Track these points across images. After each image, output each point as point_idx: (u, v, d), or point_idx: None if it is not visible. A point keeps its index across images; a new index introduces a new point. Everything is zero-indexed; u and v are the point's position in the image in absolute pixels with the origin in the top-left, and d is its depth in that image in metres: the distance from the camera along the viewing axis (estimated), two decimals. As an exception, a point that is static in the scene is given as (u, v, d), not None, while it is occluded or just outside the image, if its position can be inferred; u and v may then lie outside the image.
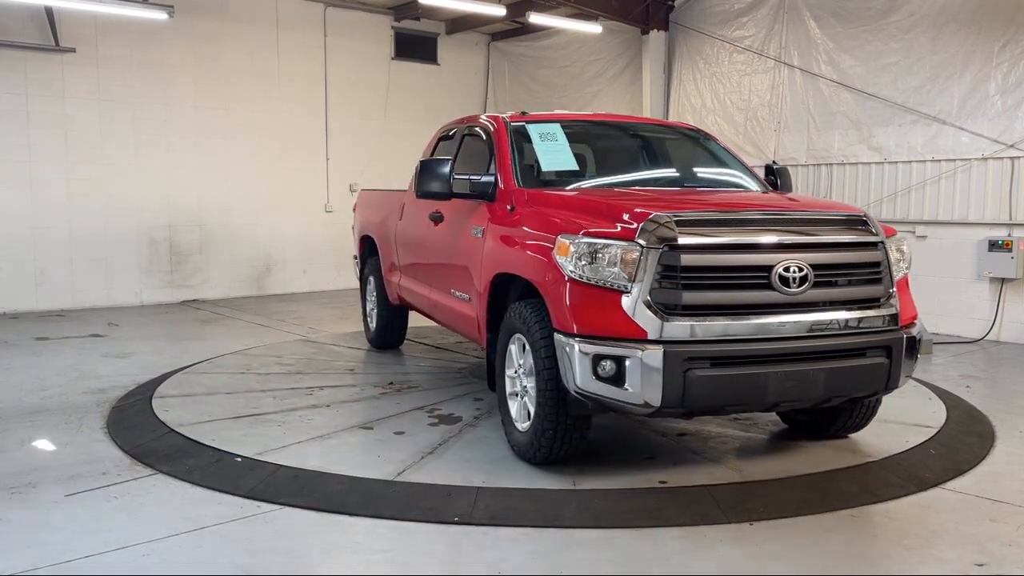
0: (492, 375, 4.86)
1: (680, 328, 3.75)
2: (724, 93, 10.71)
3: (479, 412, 5.42)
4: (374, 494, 4.03)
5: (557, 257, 4.02)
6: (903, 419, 5.35)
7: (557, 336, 3.98)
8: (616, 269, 3.82)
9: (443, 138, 6.50)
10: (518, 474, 4.26)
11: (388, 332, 7.53)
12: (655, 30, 11.18)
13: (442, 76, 13.49)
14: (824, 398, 4.09)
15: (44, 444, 4.88)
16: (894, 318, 4.17)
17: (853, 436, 4.93)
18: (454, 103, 12.90)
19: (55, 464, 4.50)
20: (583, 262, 3.90)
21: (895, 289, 4.21)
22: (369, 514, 3.82)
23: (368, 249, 7.81)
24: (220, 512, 3.83)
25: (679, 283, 3.79)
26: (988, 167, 8.42)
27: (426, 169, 5.14)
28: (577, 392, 3.92)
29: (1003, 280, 8.31)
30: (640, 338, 3.74)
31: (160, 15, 9.95)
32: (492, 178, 5.05)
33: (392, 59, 12.99)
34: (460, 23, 13.13)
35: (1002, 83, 8.24)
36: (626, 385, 3.75)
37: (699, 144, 6.02)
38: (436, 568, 3.34)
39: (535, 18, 11.17)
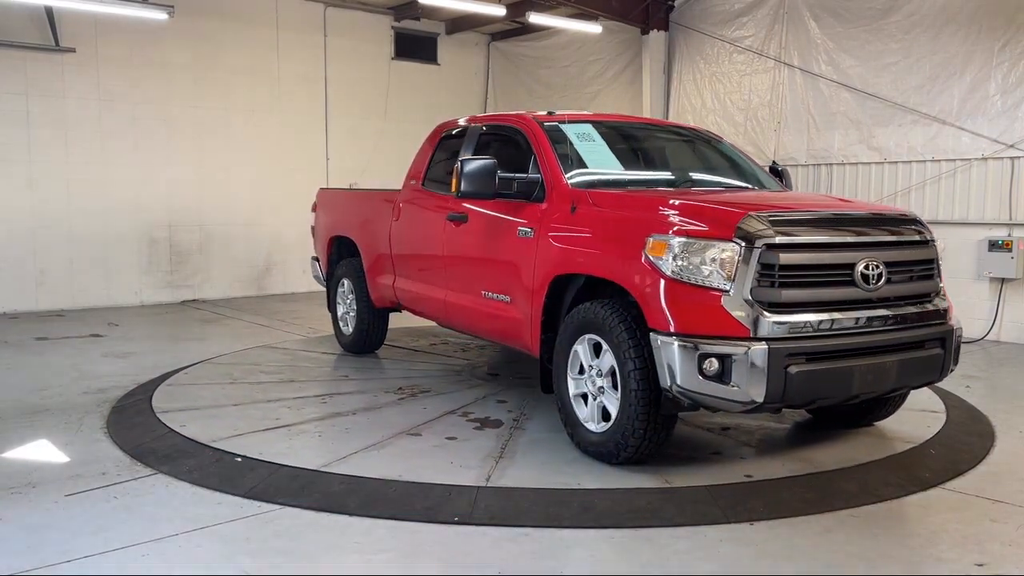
0: (545, 377, 4.86)
1: (778, 325, 3.88)
2: (724, 93, 10.71)
3: (512, 414, 5.38)
4: (374, 494, 4.02)
5: (652, 257, 4.04)
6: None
7: (655, 336, 3.98)
8: (715, 268, 3.90)
9: (447, 137, 6.37)
10: (611, 475, 4.24)
11: (368, 336, 7.23)
12: (655, 30, 11.18)
13: (442, 76, 13.49)
14: (894, 388, 4.34)
15: (44, 444, 4.88)
16: (946, 311, 4.50)
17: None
18: (454, 103, 12.90)
19: (55, 464, 4.50)
20: (681, 262, 3.96)
21: (943, 284, 4.59)
22: (369, 514, 3.82)
23: (338, 251, 7.61)
24: (220, 512, 3.83)
25: (777, 281, 3.92)
26: (988, 167, 8.43)
27: (471, 169, 4.97)
28: (677, 391, 3.93)
29: (1003, 280, 8.31)
30: (742, 336, 3.83)
31: (160, 15, 9.95)
32: (538, 178, 5.00)
33: (392, 59, 12.99)
34: (460, 23, 13.13)
35: (1002, 83, 8.24)
36: (731, 383, 3.81)
37: (712, 146, 6.08)
38: (436, 568, 3.34)
39: (535, 18, 11.17)
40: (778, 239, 3.93)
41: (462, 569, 3.32)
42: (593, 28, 11.58)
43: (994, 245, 8.19)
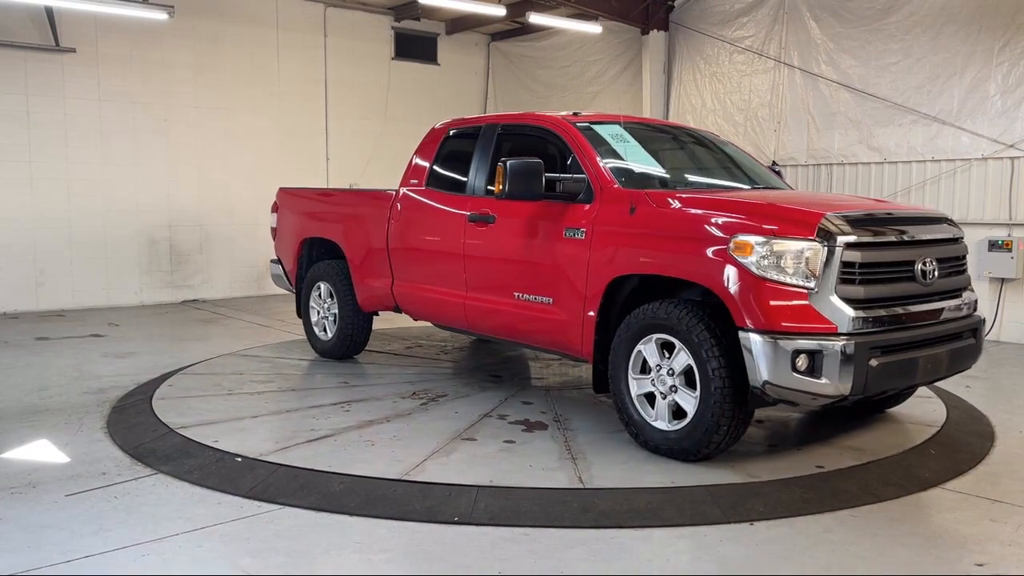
0: (598, 378, 4.89)
1: (859, 320, 4.07)
2: (724, 93, 10.72)
3: (547, 415, 5.36)
4: (373, 494, 4.02)
5: (738, 257, 4.11)
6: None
7: (745, 334, 4.07)
8: (801, 267, 4.04)
9: (452, 137, 6.26)
10: (697, 472, 4.28)
11: (352, 341, 6.95)
12: (655, 30, 11.18)
13: (442, 76, 13.49)
14: (943, 376, 4.63)
15: (44, 444, 4.88)
16: (975, 303, 4.85)
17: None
18: (454, 103, 12.90)
19: (55, 464, 4.50)
20: (769, 261, 4.06)
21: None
22: (369, 514, 3.82)
23: (310, 253, 7.38)
24: (220, 512, 3.83)
25: (857, 278, 4.13)
26: (988, 167, 8.43)
27: (517, 170, 4.92)
28: (768, 386, 4.04)
29: (1003, 280, 8.31)
30: (829, 332, 4.01)
31: (160, 15, 9.95)
32: (583, 178, 4.99)
33: (392, 59, 12.99)
34: (460, 23, 13.13)
35: (1002, 83, 8.24)
36: (822, 377, 3.97)
37: (720, 148, 6.15)
38: (436, 568, 3.34)
39: (535, 18, 11.17)
40: (856, 238, 4.14)
41: (462, 569, 3.32)
42: (593, 28, 11.58)
43: (994, 245, 8.19)
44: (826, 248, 4.04)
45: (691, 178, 5.73)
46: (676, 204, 4.62)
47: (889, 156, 9.11)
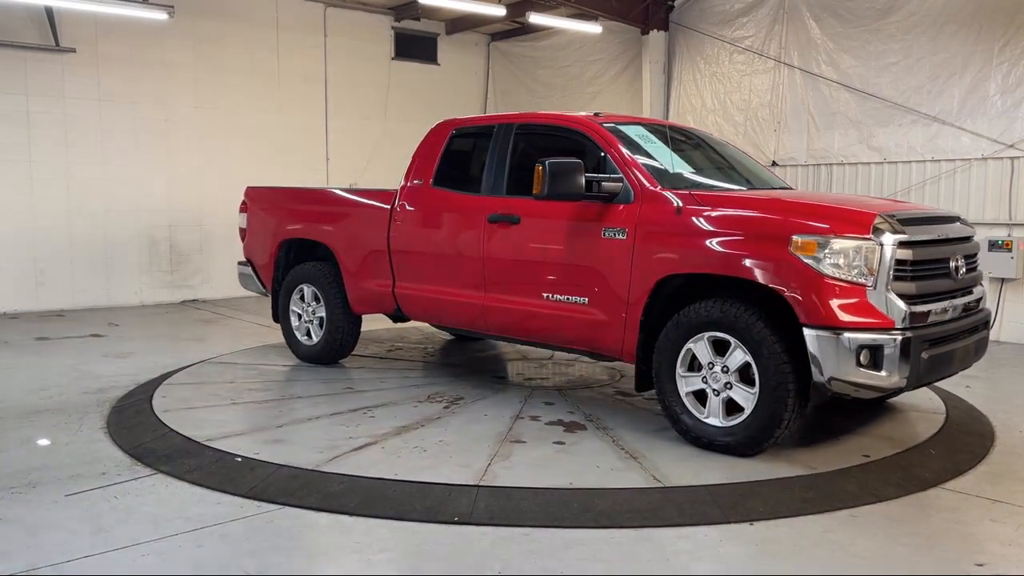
0: (641, 377, 4.94)
1: (911, 315, 4.27)
2: (724, 93, 10.71)
3: (575, 415, 5.35)
4: (374, 494, 4.02)
5: (801, 256, 4.23)
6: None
7: (810, 330, 4.20)
8: (861, 264, 4.20)
9: (460, 136, 6.18)
10: (758, 467, 4.36)
11: (342, 344, 6.78)
12: (655, 30, 11.18)
13: (442, 76, 13.49)
14: (965, 367, 4.81)
15: (44, 444, 4.88)
16: (984, 298, 5.08)
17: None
18: (454, 103, 12.89)
19: (55, 464, 4.50)
20: (832, 260, 4.21)
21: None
22: (369, 514, 3.82)
23: (287, 255, 7.15)
24: (220, 512, 3.83)
25: (908, 275, 4.32)
26: (988, 167, 8.43)
27: (558, 170, 4.90)
28: (832, 381, 4.18)
29: (1003, 280, 8.31)
30: (887, 327, 4.19)
31: (160, 15, 9.96)
32: (620, 178, 5.01)
33: (392, 59, 12.99)
34: (460, 23, 13.13)
35: (1002, 83, 8.24)
36: (883, 370, 4.15)
37: (720, 147, 6.18)
38: (436, 568, 3.34)
39: (535, 18, 11.17)
40: (907, 236, 4.32)
41: (462, 569, 3.32)
42: (593, 28, 11.58)
43: (994, 245, 8.19)
44: (881, 246, 4.20)
45: (713, 178, 5.69)
46: (724, 205, 4.71)
47: (889, 156, 9.11)
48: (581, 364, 7.03)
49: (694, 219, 4.66)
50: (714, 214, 4.64)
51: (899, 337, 4.16)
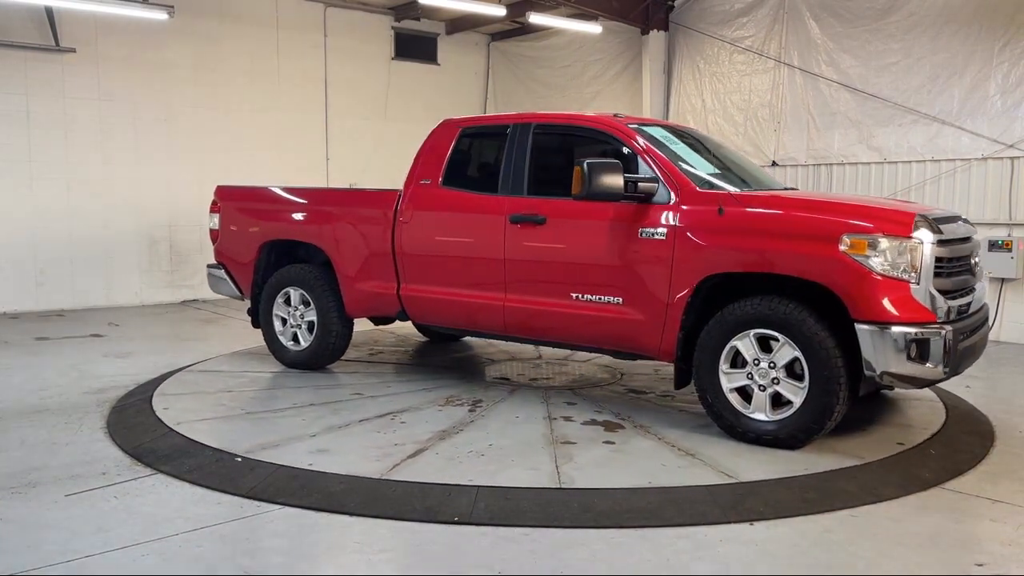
0: (680, 374, 5.05)
1: (948, 310, 4.52)
2: (724, 93, 10.71)
3: (603, 415, 5.35)
4: (374, 494, 4.02)
5: (852, 255, 4.38)
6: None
7: (863, 325, 4.37)
8: (906, 262, 4.38)
9: (470, 135, 6.09)
10: (810, 458, 4.49)
11: (335, 349, 6.57)
12: (655, 30, 11.18)
13: (442, 76, 13.49)
14: (975, 361, 4.99)
15: (44, 444, 4.88)
16: (985, 295, 5.34)
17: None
18: (454, 103, 12.90)
19: (55, 464, 4.50)
20: (882, 258, 4.38)
21: None
22: (369, 514, 3.82)
23: (267, 257, 6.88)
24: (220, 512, 3.83)
25: (944, 272, 4.55)
26: (988, 167, 8.43)
27: (600, 171, 4.92)
28: (884, 374, 4.37)
29: (1003, 280, 8.31)
30: (931, 321, 4.41)
31: (160, 15, 9.96)
32: (657, 179, 5.03)
33: (392, 59, 13.00)
34: (460, 23, 13.14)
35: (1002, 83, 8.24)
36: (929, 362, 4.35)
37: (718, 148, 6.20)
38: (436, 568, 3.34)
39: (535, 18, 11.17)
40: (944, 235, 4.55)
41: (462, 569, 3.32)
42: (593, 28, 11.58)
43: (994, 245, 8.19)
44: (921, 244, 4.40)
45: (728, 179, 5.65)
46: (766, 205, 4.84)
47: (889, 156, 9.11)
48: (573, 363, 7.04)
49: (739, 219, 4.77)
50: (759, 214, 4.77)
51: (944, 330, 4.38)
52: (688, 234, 4.87)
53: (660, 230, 4.96)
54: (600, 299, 5.23)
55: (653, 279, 4.99)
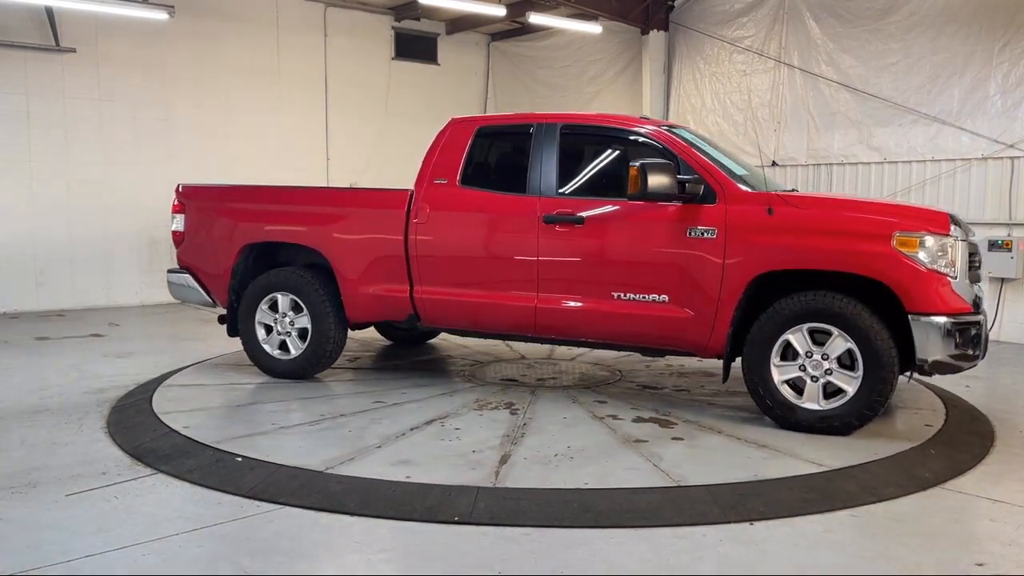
0: (726, 370, 5.24)
1: (976, 300, 4.94)
2: (724, 93, 10.72)
3: (640, 411, 5.39)
4: (373, 494, 4.02)
5: (905, 251, 4.70)
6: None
7: (917, 317, 4.70)
8: (949, 258, 4.74)
9: (488, 135, 5.98)
10: (870, 444, 4.74)
11: (330, 356, 6.24)
12: (655, 30, 11.18)
13: (442, 76, 13.49)
14: None
15: (44, 444, 4.87)
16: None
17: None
18: (454, 103, 12.89)
19: (55, 464, 4.50)
20: (930, 254, 4.71)
21: None
22: (369, 514, 3.82)
23: (246, 261, 6.52)
24: (220, 512, 3.83)
25: (971, 266, 4.96)
26: (988, 167, 8.43)
27: (657, 171, 5.02)
28: (935, 361, 4.72)
29: (1003, 280, 8.31)
30: (968, 311, 4.79)
31: (160, 15, 9.96)
32: (701, 180, 5.14)
33: (392, 59, 13.00)
34: (460, 23, 13.14)
35: (1002, 83, 8.24)
36: (970, 349, 4.75)
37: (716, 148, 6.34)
38: (436, 568, 3.34)
39: (535, 18, 11.17)
40: (970, 234, 5.00)
41: (462, 569, 3.32)
42: (593, 28, 11.58)
43: (994, 245, 8.19)
44: (957, 241, 4.78)
45: (752, 178, 5.72)
46: (814, 206, 5.11)
47: (889, 156, 9.11)
48: (562, 362, 7.08)
49: (790, 218, 4.96)
50: (811, 213, 5.00)
51: (980, 319, 4.83)
52: (740, 233, 5.03)
53: (710, 229, 5.09)
54: (645, 297, 5.31)
55: (704, 277, 5.10)
